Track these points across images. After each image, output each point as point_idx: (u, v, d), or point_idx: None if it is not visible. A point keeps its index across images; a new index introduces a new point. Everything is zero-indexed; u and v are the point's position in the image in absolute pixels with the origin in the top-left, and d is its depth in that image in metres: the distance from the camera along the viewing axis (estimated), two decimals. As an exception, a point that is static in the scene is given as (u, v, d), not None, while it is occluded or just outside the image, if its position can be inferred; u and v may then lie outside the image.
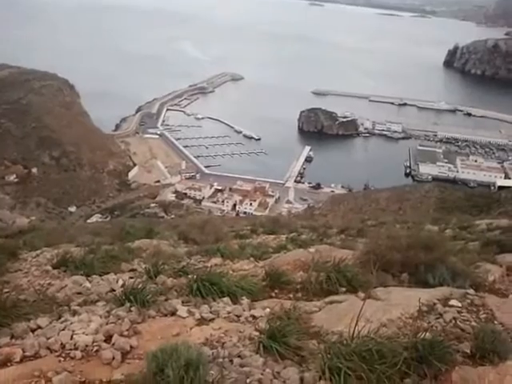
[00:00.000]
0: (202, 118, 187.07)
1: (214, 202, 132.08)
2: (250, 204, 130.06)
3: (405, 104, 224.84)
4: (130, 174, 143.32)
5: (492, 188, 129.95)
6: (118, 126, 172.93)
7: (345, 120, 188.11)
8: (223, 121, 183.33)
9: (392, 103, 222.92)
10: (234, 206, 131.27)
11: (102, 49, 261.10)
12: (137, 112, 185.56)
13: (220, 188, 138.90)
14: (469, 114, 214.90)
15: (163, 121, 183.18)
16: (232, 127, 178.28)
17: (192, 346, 5.18)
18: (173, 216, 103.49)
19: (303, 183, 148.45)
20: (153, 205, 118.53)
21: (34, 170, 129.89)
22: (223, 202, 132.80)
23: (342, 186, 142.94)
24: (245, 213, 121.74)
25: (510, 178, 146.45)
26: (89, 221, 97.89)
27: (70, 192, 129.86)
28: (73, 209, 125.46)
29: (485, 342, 6.15)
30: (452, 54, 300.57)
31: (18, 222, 56.51)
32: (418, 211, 76.23)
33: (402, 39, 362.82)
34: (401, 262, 8.82)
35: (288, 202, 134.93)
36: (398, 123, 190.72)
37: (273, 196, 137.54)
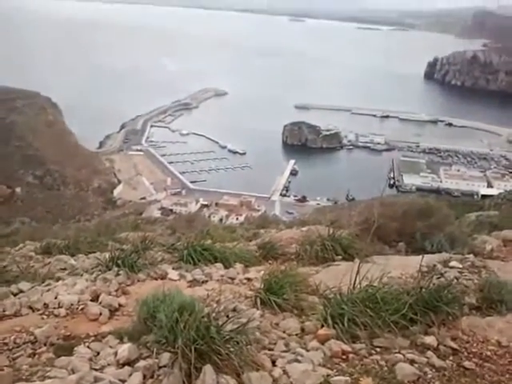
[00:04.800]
0: (187, 134, 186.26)
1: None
2: (237, 219, 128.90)
3: (387, 116, 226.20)
4: (115, 191, 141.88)
5: (475, 197, 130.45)
6: (102, 144, 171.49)
7: (328, 133, 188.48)
8: (208, 136, 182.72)
9: (374, 115, 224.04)
10: (221, 220, 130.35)
11: (83, 64, 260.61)
12: (121, 129, 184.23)
13: (206, 203, 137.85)
14: (450, 125, 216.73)
15: (147, 137, 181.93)
16: (217, 142, 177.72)
17: (184, 293, 4.86)
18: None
19: (289, 196, 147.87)
20: (139, 221, 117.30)
21: (18, 190, 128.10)
22: (209, 217, 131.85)
23: (328, 199, 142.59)
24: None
25: (492, 187, 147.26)
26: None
27: (55, 211, 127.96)
28: (58, 228, 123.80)
29: (491, 292, 5.91)
30: (432, 65, 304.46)
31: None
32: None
33: (381, 52, 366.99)
34: (397, 230, 8.57)
35: (274, 215, 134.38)
36: (381, 135, 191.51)
37: (259, 210, 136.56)
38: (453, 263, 7.31)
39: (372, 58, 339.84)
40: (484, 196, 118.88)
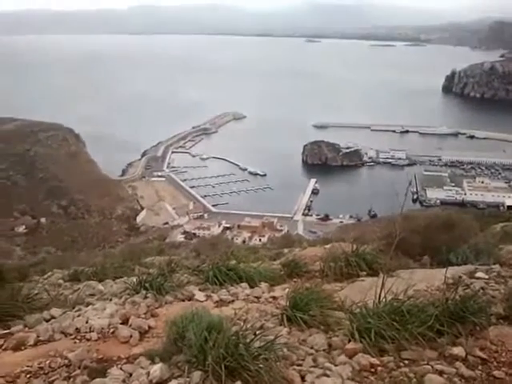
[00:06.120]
0: (207, 158, 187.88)
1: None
2: (259, 240, 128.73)
3: (407, 131, 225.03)
4: (138, 218, 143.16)
5: (501, 208, 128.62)
6: (124, 171, 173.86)
7: (348, 151, 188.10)
8: (228, 159, 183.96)
9: (394, 131, 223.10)
10: (244, 242, 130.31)
11: (104, 95, 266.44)
12: (142, 156, 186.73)
13: (228, 226, 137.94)
14: (471, 137, 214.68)
15: (169, 163, 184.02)
16: (237, 165, 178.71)
17: (211, 313, 4.96)
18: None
19: (311, 216, 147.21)
20: (163, 246, 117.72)
21: (43, 220, 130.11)
22: (232, 239, 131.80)
23: (351, 216, 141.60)
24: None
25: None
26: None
27: (79, 240, 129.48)
28: (84, 256, 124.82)
29: (518, 301, 5.88)
30: (450, 78, 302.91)
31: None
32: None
33: (398, 68, 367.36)
34: (421, 244, 8.57)
35: (297, 235, 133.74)
36: (402, 150, 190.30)
37: (281, 230, 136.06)
38: (479, 274, 7.29)
39: (388, 74, 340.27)
40: (510, 207, 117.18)
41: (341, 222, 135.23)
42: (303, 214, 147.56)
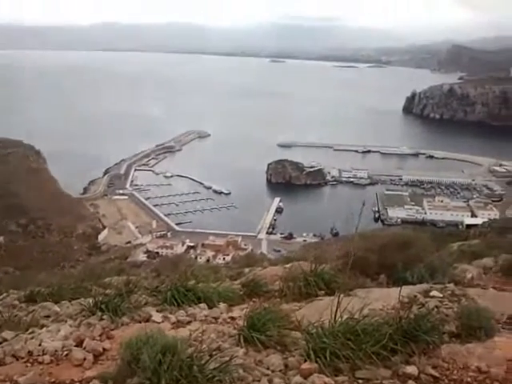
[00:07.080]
0: (171, 176, 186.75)
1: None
2: (223, 259, 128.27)
3: (369, 151, 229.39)
4: (100, 237, 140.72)
5: (460, 227, 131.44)
6: (86, 189, 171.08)
7: (312, 170, 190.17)
8: (192, 177, 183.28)
9: (356, 151, 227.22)
10: (208, 261, 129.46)
11: (66, 112, 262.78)
12: (105, 174, 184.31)
13: (192, 244, 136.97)
14: (431, 157, 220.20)
15: (132, 181, 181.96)
16: (201, 183, 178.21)
17: (167, 334, 4.92)
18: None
19: (275, 234, 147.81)
20: (124, 266, 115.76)
21: (1, 239, 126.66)
22: (196, 258, 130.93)
23: (314, 235, 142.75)
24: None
25: (476, 216, 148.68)
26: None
27: (39, 259, 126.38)
28: (42, 276, 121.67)
29: (470, 319, 6.03)
30: (410, 100, 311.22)
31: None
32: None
33: (361, 89, 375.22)
34: (378, 263, 8.71)
35: (261, 254, 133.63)
36: (364, 170, 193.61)
37: (246, 249, 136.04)
38: (433, 293, 7.44)
39: (351, 94, 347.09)
40: (469, 226, 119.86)
41: (304, 240, 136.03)
42: (267, 233, 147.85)
